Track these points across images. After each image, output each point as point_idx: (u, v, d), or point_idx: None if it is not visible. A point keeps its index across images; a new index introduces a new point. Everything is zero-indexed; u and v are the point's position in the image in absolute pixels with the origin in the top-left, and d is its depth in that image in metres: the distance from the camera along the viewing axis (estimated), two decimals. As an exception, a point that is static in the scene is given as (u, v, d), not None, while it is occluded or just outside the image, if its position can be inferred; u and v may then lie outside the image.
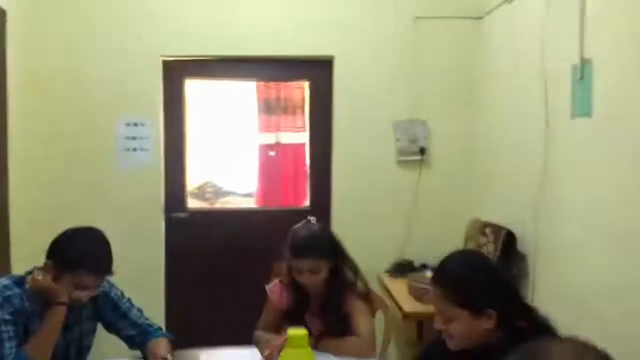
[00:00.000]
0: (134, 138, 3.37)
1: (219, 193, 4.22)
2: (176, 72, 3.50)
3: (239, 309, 3.33)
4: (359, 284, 2.10)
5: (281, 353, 1.42)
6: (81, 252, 1.72)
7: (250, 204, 4.12)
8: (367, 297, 2.09)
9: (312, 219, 2.07)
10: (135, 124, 3.37)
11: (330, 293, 2.02)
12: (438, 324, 1.49)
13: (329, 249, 2.06)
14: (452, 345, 1.47)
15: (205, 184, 4.18)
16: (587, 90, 2.31)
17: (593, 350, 0.81)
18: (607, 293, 2.11)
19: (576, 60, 2.33)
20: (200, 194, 4.13)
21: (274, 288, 2.18)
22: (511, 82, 3.04)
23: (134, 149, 3.38)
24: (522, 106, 2.87)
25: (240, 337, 2.11)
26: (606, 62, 2.18)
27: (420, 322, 3.42)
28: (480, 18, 3.48)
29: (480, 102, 3.49)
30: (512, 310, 1.42)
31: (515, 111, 2.97)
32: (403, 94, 3.53)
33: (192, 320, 3.42)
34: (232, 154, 4.13)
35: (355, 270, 2.13)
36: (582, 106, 2.34)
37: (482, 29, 3.48)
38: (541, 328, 1.41)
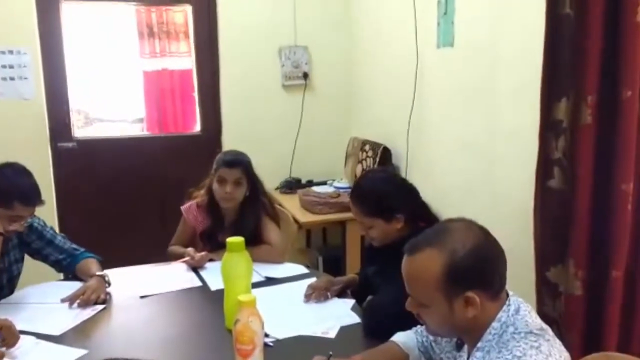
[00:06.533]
0: (10, 67, 3.20)
1: (90, 120, 4.13)
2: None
3: (135, 236, 3.48)
4: (268, 205, 2.36)
5: (223, 257, 1.64)
6: (14, 185, 1.77)
7: (137, 131, 4.12)
8: (275, 216, 2.37)
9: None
10: (11, 52, 3.19)
11: (244, 215, 2.25)
12: (361, 231, 1.83)
13: (251, 169, 2.29)
14: (375, 244, 1.81)
15: (78, 112, 4.04)
16: (449, 23, 2.70)
17: (475, 224, 1.19)
18: (461, 186, 2.65)
19: (441, -4, 2.70)
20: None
21: (189, 209, 2.36)
22: (385, 14, 3.36)
23: (12, 78, 3.22)
24: (395, 37, 3.21)
25: (141, 260, 2.27)
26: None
27: (309, 231, 3.85)
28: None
29: (357, 31, 3.79)
30: (414, 212, 1.78)
31: (389, 40, 3.32)
32: (286, 20, 3.71)
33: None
34: (114, 81, 4.05)
35: (266, 194, 2.37)
36: (445, 37, 2.75)
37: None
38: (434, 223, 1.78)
